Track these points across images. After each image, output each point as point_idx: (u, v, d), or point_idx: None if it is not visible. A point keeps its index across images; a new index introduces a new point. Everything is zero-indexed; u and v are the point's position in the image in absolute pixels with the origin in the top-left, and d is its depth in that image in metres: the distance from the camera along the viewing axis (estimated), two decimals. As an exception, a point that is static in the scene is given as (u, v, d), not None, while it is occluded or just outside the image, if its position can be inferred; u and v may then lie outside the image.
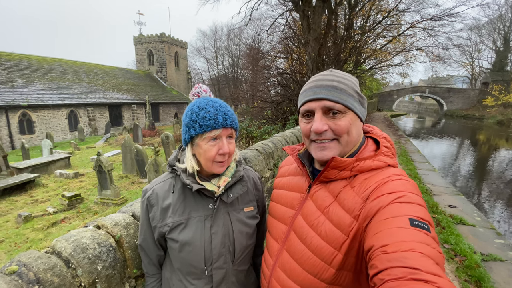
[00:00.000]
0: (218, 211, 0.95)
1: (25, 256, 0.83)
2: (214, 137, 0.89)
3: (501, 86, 29.70)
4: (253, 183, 1.08)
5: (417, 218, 0.59)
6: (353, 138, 0.81)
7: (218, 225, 0.93)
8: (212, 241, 0.91)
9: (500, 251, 3.42)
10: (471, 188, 8.33)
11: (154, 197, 0.94)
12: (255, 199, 1.07)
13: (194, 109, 0.90)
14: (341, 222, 0.73)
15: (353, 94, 0.81)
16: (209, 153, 0.89)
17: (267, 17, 16.71)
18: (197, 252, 0.90)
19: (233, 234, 0.95)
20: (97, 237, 0.96)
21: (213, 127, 0.87)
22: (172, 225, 0.91)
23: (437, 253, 0.53)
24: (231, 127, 0.91)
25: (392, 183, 0.70)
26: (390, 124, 19.32)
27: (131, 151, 8.63)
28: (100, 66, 25.09)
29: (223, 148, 0.89)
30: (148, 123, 19.20)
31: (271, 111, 11.18)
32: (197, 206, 0.94)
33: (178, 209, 0.92)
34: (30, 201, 6.70)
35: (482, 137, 19.60)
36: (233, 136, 0.94)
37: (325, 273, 0.74)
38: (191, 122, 0.89)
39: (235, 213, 0.98)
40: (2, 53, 18.10)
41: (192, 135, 0.90)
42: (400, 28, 15.13)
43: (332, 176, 0.80)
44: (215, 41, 42.62)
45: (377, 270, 0.53)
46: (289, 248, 0.84)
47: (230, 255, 0.95)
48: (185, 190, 0.95)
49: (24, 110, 15.57)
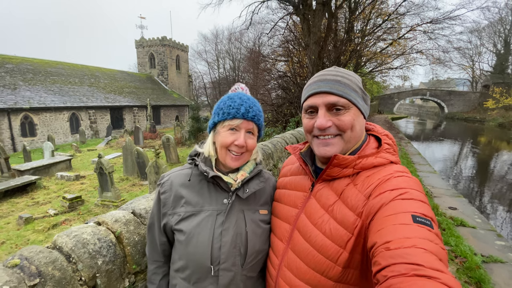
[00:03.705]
0: (232, 207, 0.92)
1: (27, 251, 0.85)
2: (233, 126, 0.91)
3: (502, 89, 29.68)
4: (272, 187, 1.06)
5: (419, 215, 0.59)
6: (356, 134, 0.81)
7: (230, 221, 0.90)
8: (222, 238, 0.87)
9: (500, 252, 3.41)
10: (472, 190, 8.30)
11: (169, 184, 0.94)
12: (270, 204, 1.03)
13: (224, 99, 0.95)
14: (345, 220, 0.73)
15: (357, 90, 0.82)
16: (225, 139, 0.91)
17: (268, 20, 16.78)
18: (203, 248, 0.86)
19: (246, 234, 0.90)
20: (97, 233, 0.97)
21: (234, 116, 0.90)
22: (183, 215, 0.90)
23: (440, 249, 0.53)
24: (252, 120, 0.92)
25: (395, 179, 0.70)
26: (391, 127, 19.31)
27: (132, 154, 8.65)
28: (102, 69, 25.24)
29: (239, 139, 0.90)
30: (149, 125, 19.26)
31: (272, 113, 11.22)
32: (211, 199, 0.92)
33: (191, 200, 0.92)
34: (31, 203, 6.71)
35: (483, 139, 19.56)
36: (254, 132, 0.95)
37: (332, 271, 0.74)
38: (217, 109, 0.94)
39: (250, 212, 0.94)
40: (5, 56, 18.25)
41: (215, 122, 0.94)
42: (400, 31, 15.23)
43: (335, 174, 0.80)
44: (216, 44, 42.90)
45: (380, 267, 0.53)
46: (294, 247, 0.84)
47: (241, 257, 0.89)
48: (202, 182, 0.95)
49: (26, 112, 15.66)
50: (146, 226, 1.02)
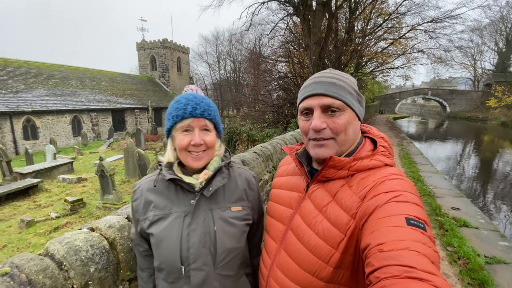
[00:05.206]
0: (198, 207, 0.92)
1: (18, 258, 0.84)
2: (185, 127, 0.90)
3: (504, 88, 29.52)
4: (246, 181, 1.03)
5: (413, 217, 0.59)
6: (350, 137, 0.81)
7: (197, 222, 0.90)
8: (190, 239, 0.88)
9: (504, 253, 3.37)
10: (475, 190, 8.24)
11: (140, 191, 0.96)
12: (246, 199, 1.01)
13: (172, 103, 0.94)
14: (338, 220, 0.73)
15: (352, 92, 0.82)
16: (181, 142, 0.90)
17: (268, 21, 16.82)
18: (172, 249, 0.87)
19: (214, 233, 0.90)
20: (90, 239, 0.96)
21: (182, 117, 0.89)
22: (152, 219, 0.91)
23: (433, 252, 0.53)
24: (202, 116, 0.91)
25: (389, 182, 0.71)
26: (393, 127, 19.24)
27: (134, 156, 8.66)
28: (104, 72, 25.35)
29: (194, 138, 0.89)
30: (151, 127, 19.29)
31: (273, 114, 11.23)
32: (179, 201, 0.93)
33: (159, 204, 0.92)
34: (33, 206, 6.73)
35: (485, 138, 19.43)
36: (209, 129, 0.93)
37: (323, 272, 0.74)
38: (168, 115, 0.93)
39: (219, 211, 0.94)
40: (7, 60, 18.37)
41: (168, 128, 0.93)
42: (401, 31, 15.16)
43: (330, 176, 0.81)
44: (216, 46, 42.93)
45: (373, 268, 0.53)
46: (287, 248, 0.84)
47: (211, 256, 0.89)
48: (169, 186, 0.95)
49: (28, 116, 15.75)
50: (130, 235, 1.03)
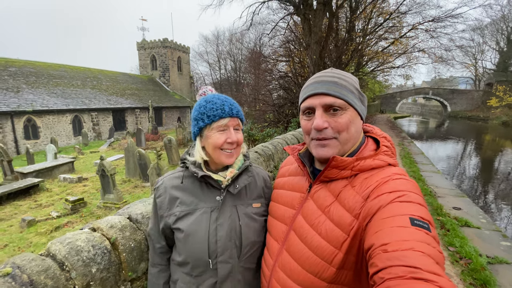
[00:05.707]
0: (225, 203, 0.96)
1: (19, 258, 0.83)
2: (222, 127, 0.93)
3: (505, 87, 29.45)
4: (263, 180, 1.10)
5: (417, 217, 0.59)
6: (352, 135, 0.81)
7: (224, 217, 0.94)
8: (218, 233, 0.92)
9: (506, 253, 3.35)
10: (476, 190, 8.21)
11: (163, 187, 0.99)
12: (264, 196, 1.07)
13: (202, 103, 0.96)
14: (341, 221, 0.73)
15: (354, 91, 0.82)
16: (218, 141, 0.93)
17: (269, 21, 16.81)
18: (201, 243, 0.90)
19: (240, 228, 0.95)
20: (92, 239, 0.96)
21: (220, 116, 0.92)
22: (179, 215, 0.94)
23: (437, 253, 0.52)
24: (237, 116, 0.96)
25: (393, 182, 0.70)
26: (393, 126, 19.21)
27: (134, 155, 8.66)
28: (104, 72, 25.34)
29: (231, 136, 0.94)
30: (151, 127, 19.29)
31: (273, 114, 11.21)
32: (204, 197, 0.96)
33: (186, 200, 0.96)
34: (34, 206, 6.74)
35: (487, 138, 19.40)
36: (239, 128, 0.99)
37: (326, 272, 0.74)
38: (199, 115, 0.95)
39: (243, 207, 0.99)
40: (8, 59, 18.38)
41: (201, 127, 0.95)
42: (401, 30, 15.14)
43: (332, 176, 0.80)
44: (217, 45, 42.94)
45: (377, 269, 0.52)
46: (289, 248, 0.84)
47: (237, 249, 0.94)
48: (194, 182, 0.99)
49: (29, 115, 15.76)
50: (147, 231, 1.06)
